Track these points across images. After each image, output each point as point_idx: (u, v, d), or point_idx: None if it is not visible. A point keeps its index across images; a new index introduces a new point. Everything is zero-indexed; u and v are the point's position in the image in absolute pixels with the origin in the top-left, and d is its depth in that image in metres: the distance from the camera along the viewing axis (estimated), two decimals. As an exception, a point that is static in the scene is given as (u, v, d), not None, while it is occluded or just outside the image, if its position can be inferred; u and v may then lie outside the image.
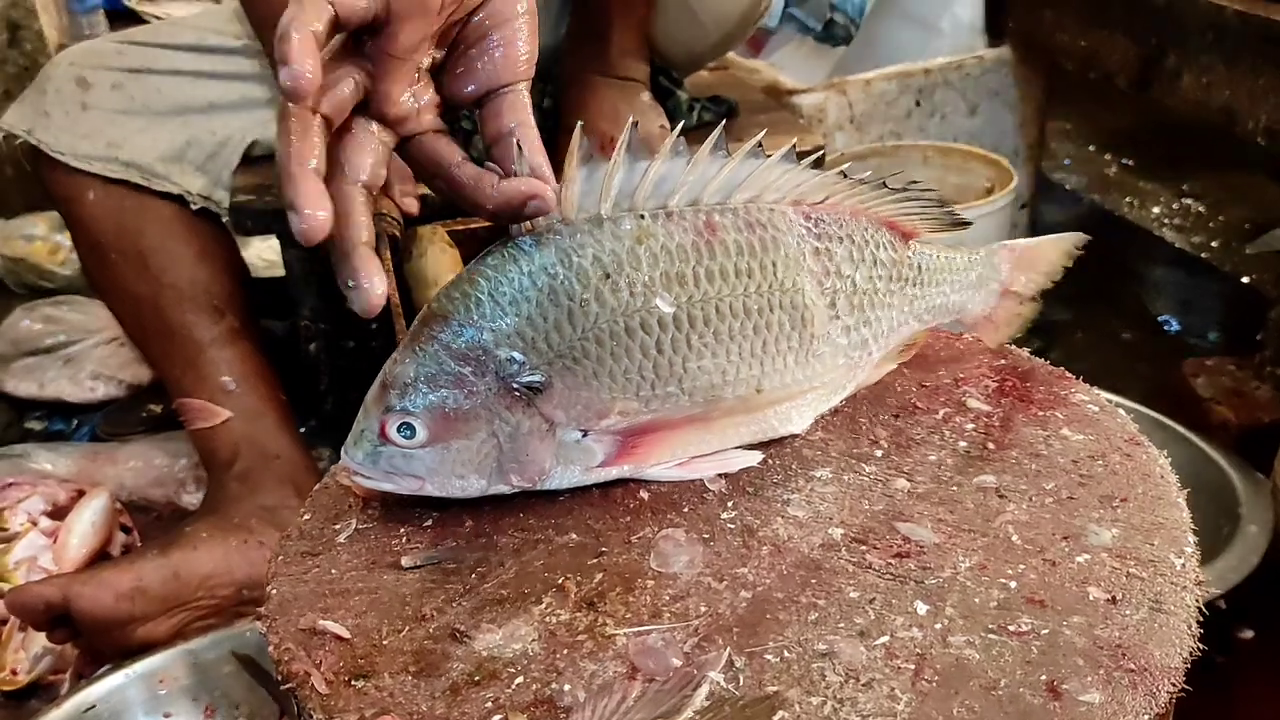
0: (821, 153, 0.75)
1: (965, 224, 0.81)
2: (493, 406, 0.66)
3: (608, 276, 0.66)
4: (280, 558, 0.69)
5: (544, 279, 0.66)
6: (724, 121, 0.70)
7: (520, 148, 0.64)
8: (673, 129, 1.39)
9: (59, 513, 1.38)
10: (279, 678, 0.60)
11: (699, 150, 0.68)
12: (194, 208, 1.36)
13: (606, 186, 0.66)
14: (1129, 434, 0.77)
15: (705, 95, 1.49)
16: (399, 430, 0.66)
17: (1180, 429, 1.33)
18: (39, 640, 1.21)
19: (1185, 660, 0.58)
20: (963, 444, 0.76)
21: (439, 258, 1.21)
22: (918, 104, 1.82)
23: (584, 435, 0.68)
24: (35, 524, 1.34)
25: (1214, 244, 2.08)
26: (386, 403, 0.66)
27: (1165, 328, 1.85)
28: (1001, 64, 1.87)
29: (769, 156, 0.70)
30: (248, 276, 1.43)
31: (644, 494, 0.72)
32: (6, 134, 1.35)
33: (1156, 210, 2.26)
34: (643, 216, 0.68)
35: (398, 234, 1.12)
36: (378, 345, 1.37)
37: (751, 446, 0.74)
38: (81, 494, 1.41)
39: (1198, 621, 0.60)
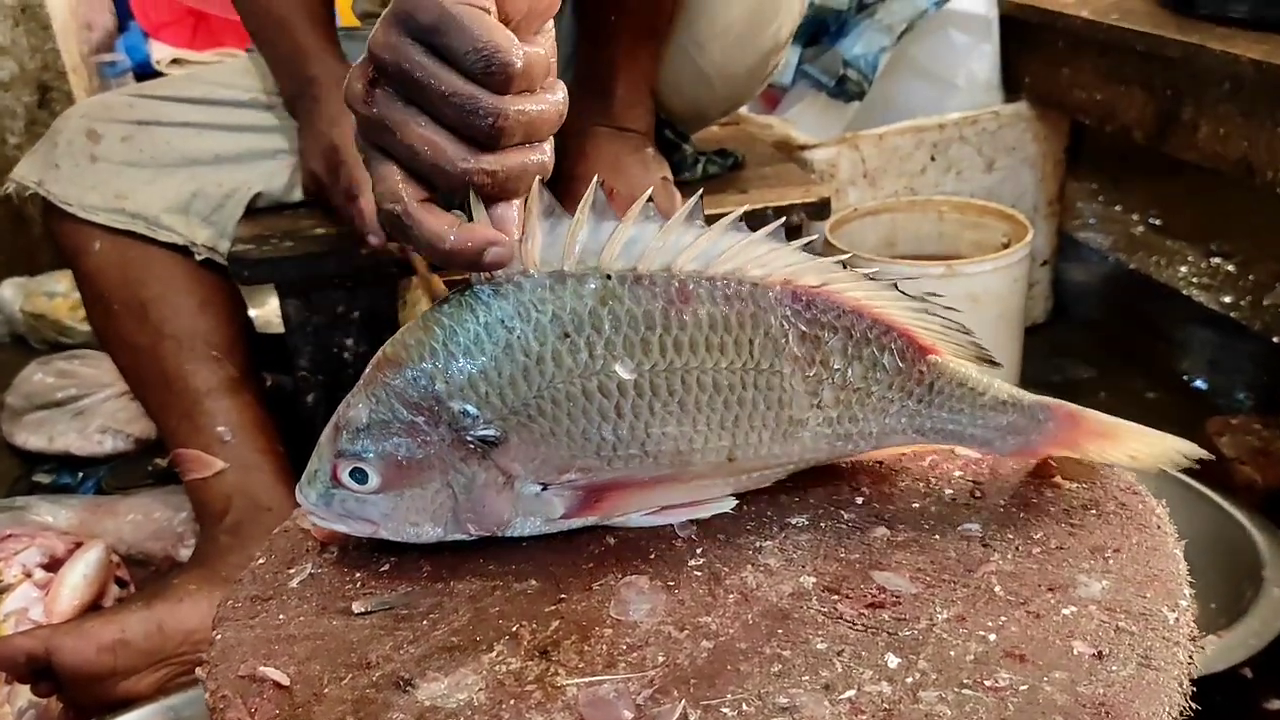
0: (813, 240, 0.69)
1: (994, 363, 0.71)
2: (447, 457, 0.63)
3: (566, 336, 0.63)
4: (229, 602, 0.66)
5: (500, 332, 0.62)
6: (683, 185, 0.66)
7: (480, 194, 0.62)
8: (676, 182, 1.38)
9: (56, 565, 1.37)
10: (212, 726, 0.57)
11: (673, 217, 0.64)
12: (198, 258, 1.36)
13: (570, 243, 0.63)
14: (1125, 483, 0.73)
15: (713, 148, 1.48)
16: (351, 475, 0.64)
17: (1203, 489, 1.29)
18: (24, 694, 1.19)
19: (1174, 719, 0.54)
20: (949, 491, 0.72)
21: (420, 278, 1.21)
22: (933, 159, 1.80)
23: (544, 489, 0.66)
24: (29, 576, 1.33)
25: (1243, 303, 2.03)
26: (339, 446, 0.64)
27: (1192, 387, 1.79)
28: (1019, 119, 1.84)
29: (753, 232, 0.65)
30: (251, 329, 1.42)
31: (610, 540, 0.69)
32: (18, 185, 1.37)
33: (1184, 270, 2.21)
34: (609, 277, 0.63)
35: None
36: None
37: (726, 493, 0.71)
38: (80, 546, 1.39)
39: (1190, 679, 0.56)
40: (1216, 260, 2.23)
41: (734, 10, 1.34)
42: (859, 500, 0.72)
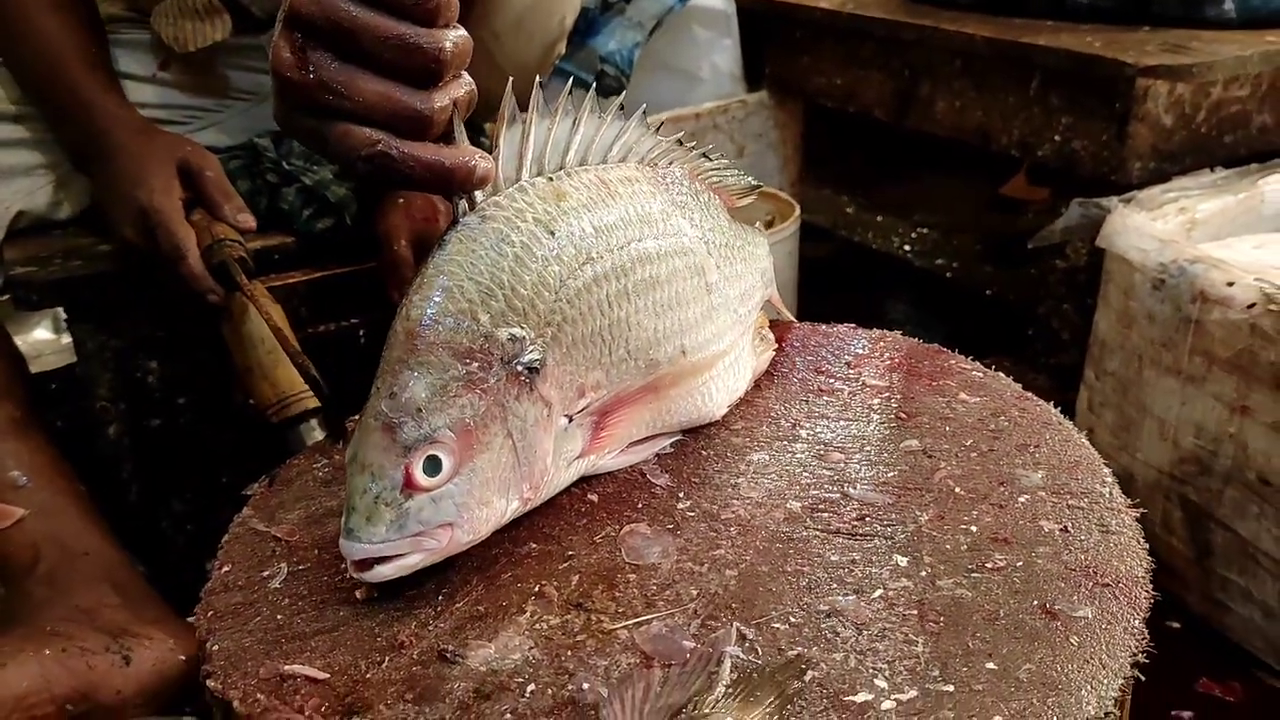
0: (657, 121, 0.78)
1: (758, 187, 0.89)
2: (504, 401, 0.61)
3: (552, 234, 0.65)
4: (210, 613, 0.62)
5: (507, 249, 0.63)
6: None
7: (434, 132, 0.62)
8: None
9: None
10: (253, 733, 0.53)
11: (580, 112, 0.70)
12: (-46, 289, 1.20)
13: (523, 151, 0.67)
14: (1016, 391, 0.82)
15: (502, 142, 1.49)
16: (424, 468, 0.58)
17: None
18: None
19: (1146, 571, 0.62)
20: (876, 416, 0.78)
21: (261, 315, 1.14)
22: (692, 148, 1.89)
23: (569, 421, 0.66)
24: None
25: (955, 264, 2.27)
26: (403, 441, 0.58)
27: (927, 342, 1.99)
28: (762, 107, 1.98)
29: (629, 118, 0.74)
30: (23, 364, 1.28)
31: (593, 496, 0.70)
32: None
33: (896, 240, 2.44)
34: (551, 178, 0.68)
35: (246, 255, 1.04)
36: (186, 421, 1.26)
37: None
38: None
39: (1144, 537, 0.65)
40: (923, 230, 2.48)
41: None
42: (803, 433, 0.77)
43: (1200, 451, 1.16)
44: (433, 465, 0.58)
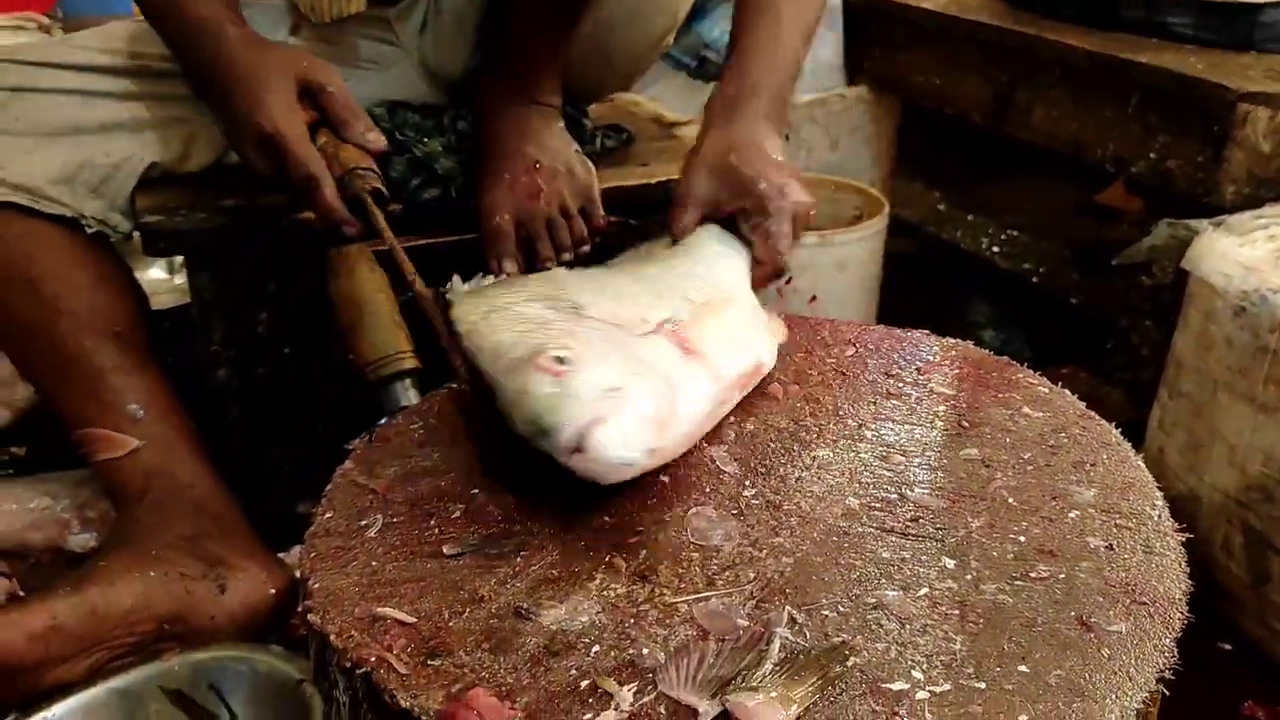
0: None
1: None
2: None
3: (549, 297, 0.86)
4: (313, 554, 0.68)
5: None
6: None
7: None
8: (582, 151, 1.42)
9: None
10: (348, 664, 0.60)
11: None
12: (89, 231, 1.29)
13: None
14: (1079, 410, 0.85)
15: (604, 124, 1.54)
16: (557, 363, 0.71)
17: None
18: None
19: (1184, 593, 0.65)
20: (940, 423, 0.82)
21: (367, 278, 1.20)
22: (787, 138, 1.92)
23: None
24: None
25: (1042, 269, 2.26)
26: (535, 362, 0.71)
27: (1007, 346, 2.00)
28: (860, 101, 2.00)
29: None
30: (147, 303, 1.36)
31: (664, 478, 0.75)
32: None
33: (985, 241, 2.44)
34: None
35: (380, 187, 1.05)
36: (290, 371, 1.34)
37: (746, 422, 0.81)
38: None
39: (1185, 561, 0.68)
40: (1012, 232, 2.47)
41: (640, -12, 1.40)
42: (868, 434, 0.81)
43: (1267, 480, 1.17)
44: (557, 361, 0.71)
